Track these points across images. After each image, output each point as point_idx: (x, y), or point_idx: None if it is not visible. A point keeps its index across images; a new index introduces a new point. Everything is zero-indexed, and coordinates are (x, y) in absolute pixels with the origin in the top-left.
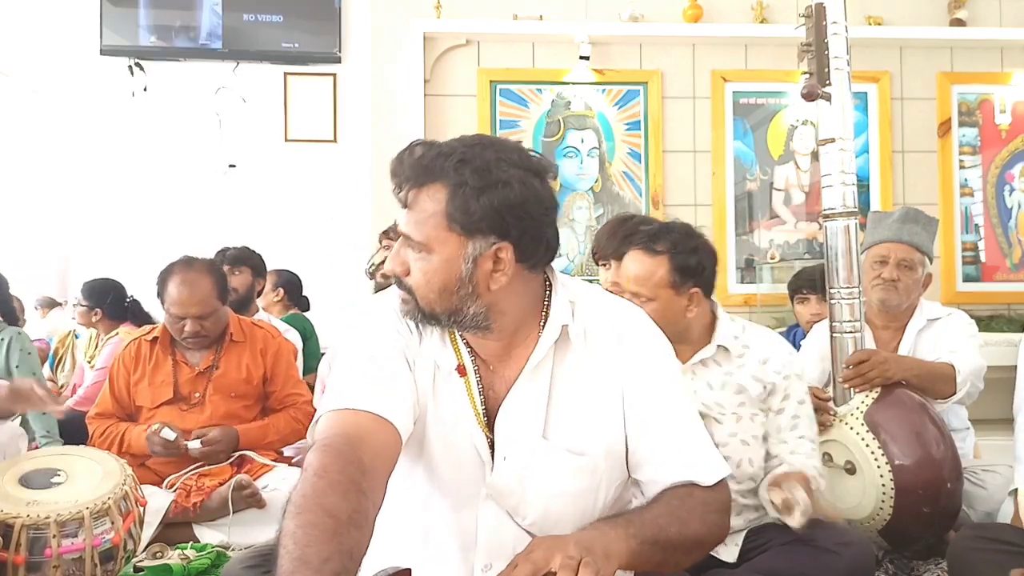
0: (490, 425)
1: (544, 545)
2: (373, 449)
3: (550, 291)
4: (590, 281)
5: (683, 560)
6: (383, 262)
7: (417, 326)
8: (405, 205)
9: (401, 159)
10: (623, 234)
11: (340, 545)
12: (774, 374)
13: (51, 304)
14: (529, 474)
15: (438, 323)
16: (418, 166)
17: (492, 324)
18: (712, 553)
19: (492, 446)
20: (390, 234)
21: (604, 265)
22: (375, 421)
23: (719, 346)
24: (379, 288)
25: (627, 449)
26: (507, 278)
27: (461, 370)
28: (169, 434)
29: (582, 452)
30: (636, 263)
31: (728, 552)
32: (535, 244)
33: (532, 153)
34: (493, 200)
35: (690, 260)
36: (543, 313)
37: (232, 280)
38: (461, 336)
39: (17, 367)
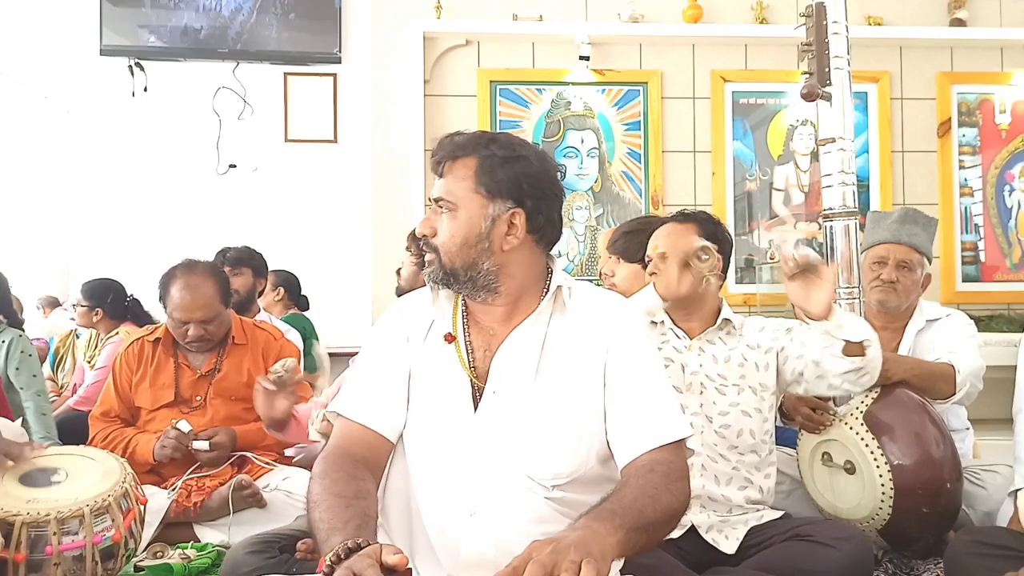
0: (481, 378)
1: (547, 550)
2: (365, 447)
3: (551, 274)
4: (589, 282)
5: (661, 535)
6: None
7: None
8: (440, 175)
9: (442, 142)
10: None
11: (355, 511)
12: (773, 331)
13: (54, 304)
14: (518, 410)
15: (456, 280)
16: (455, 144)
17: (500, 287)
18: (712, 544)
19: (480, 393)
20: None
21: (612, 258)
22: (366, 432)
23: (724, 319)
24: (400, 292)
25: (604, 412)
26: (518, 241)
27: (449, 338)
28: (185, 426)
29: (569, 398)
30: (666, 230)
31: (728, 544)
32: (543, 218)
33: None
34: (515, 169)
35: (716, 231)
36: (544, 289)
37: (233, 281)
38: (463, 305)
39: (17, 369)
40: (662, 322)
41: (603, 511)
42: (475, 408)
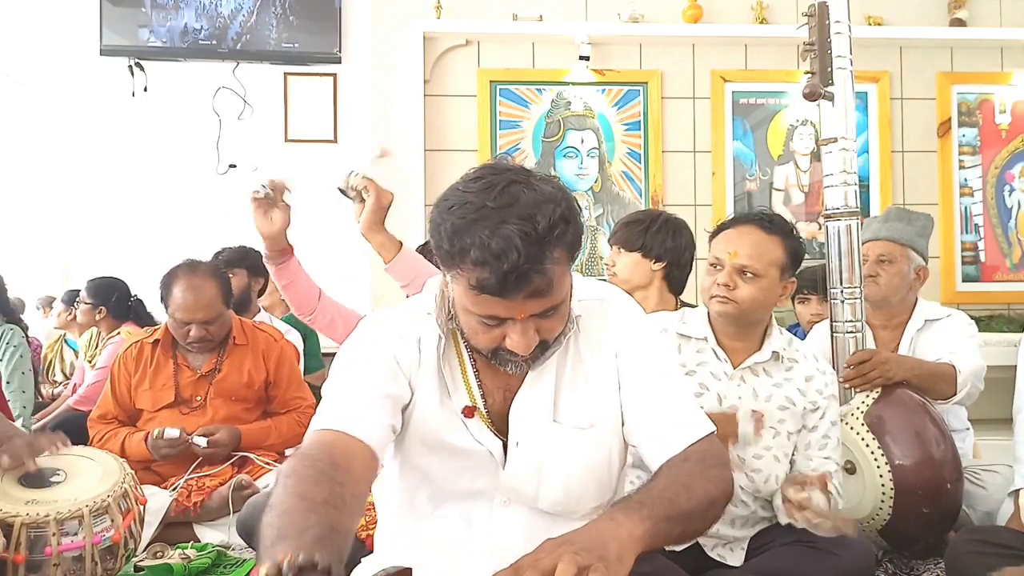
0: (500, 426)
1: (555, 552)
2: (345, 453)
3: None
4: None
5: (700, 526)
6: None
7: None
8: (536, 295)
9: (512, 271)
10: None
11: (319, 519)
12: (816, 394)
13: (53, 304)
14: (544, 458)
15: (544, 353)
16: (537, 261)
17: None
18: (719, 559)
19: (504, 446)
20: None
21: (612, 248)
22: (344, 437)
23: (773, 352)
24: None
25: (623, 413)
26: None
27: (469, 412)
28: (172, 432)
29: (591, 427)
30: (753, 237)
31: (735, 557)
32: None
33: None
34: (581, 229)
35: (798, 249)
36: None
37: None
38: (473, 364)
39: (1, 359)
40: (704, 339)
41: (631, 502)
42: (504, 465)
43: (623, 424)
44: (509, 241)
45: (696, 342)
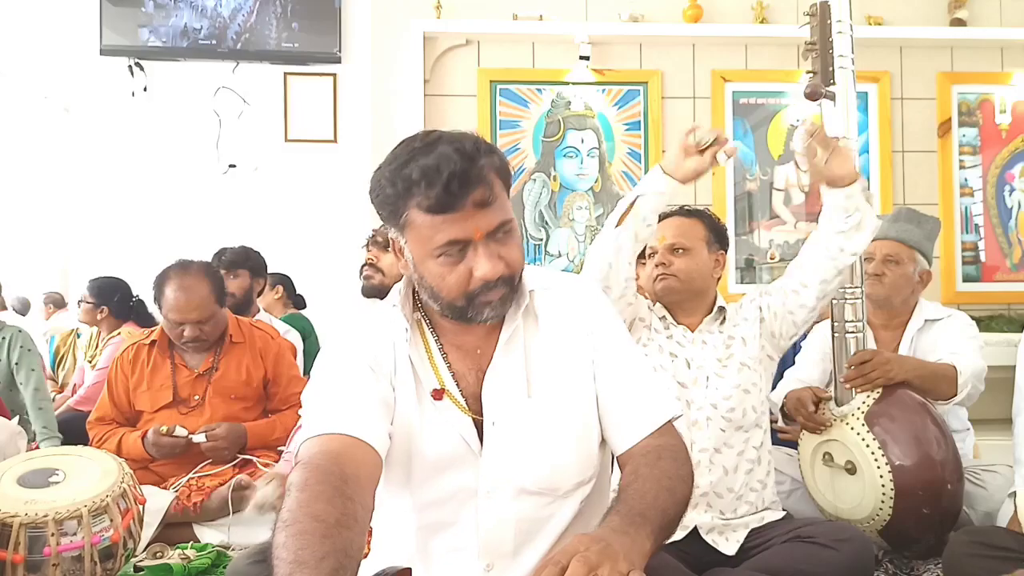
0: (476, 409)
1: (595, 549)
2: (353, 462)
3: None
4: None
5: (675, 529)
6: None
7: (395, 349)
8: (483, 205)
9: (452, 177)
10: None
11: (333, 544)
12: (749, 301)
13: (58, 302)
14: (521, 433)
15: (513, 295)
16: (472, 166)
17: None
18: (712, 544)
19: (480, 432)
20: (377, 239)
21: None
22: (351, 442)
23: (719, 307)
24: (368, 290)
25: (596, 390)
26: None
27: (438, 395)
28: (181, 431)
29: (565, 401)
30: (675, 222)
31: (728, 546)
32: None
33: None
34: (506, 160)
35: (718, 226)
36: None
37: (229, 284)
38: (432, 330)
39: (16, 364)
40: (663, 318)
41: (634, 515)
42: (481, 447)
43: (597, 401)
44: (445, 155)
45: (657, 320)
